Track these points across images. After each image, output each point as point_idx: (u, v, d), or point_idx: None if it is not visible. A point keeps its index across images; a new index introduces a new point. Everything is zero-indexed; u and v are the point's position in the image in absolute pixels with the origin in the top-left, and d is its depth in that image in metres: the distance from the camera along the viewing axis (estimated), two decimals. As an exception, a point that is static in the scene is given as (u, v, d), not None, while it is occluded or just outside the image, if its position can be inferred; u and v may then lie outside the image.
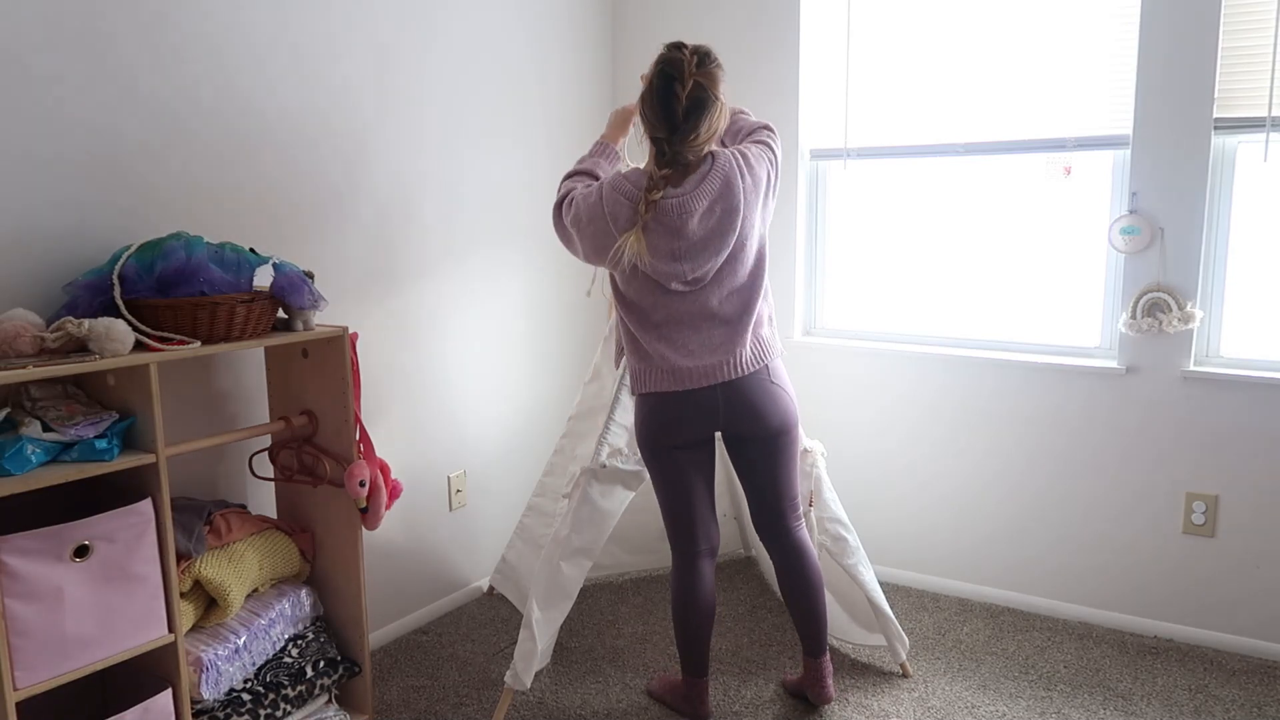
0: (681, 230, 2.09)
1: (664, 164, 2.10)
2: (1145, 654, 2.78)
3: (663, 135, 2.08)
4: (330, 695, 2.34)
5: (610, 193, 2.12)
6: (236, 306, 1.96)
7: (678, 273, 2.13)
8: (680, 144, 2.07)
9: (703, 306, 2.18)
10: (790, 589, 2.44)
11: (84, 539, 1.77)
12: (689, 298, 2.17)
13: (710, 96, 2.07)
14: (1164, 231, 2.73)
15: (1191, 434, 2.77)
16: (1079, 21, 2.84)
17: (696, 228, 2.09)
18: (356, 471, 2.22)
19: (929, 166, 3.17)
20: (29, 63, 1.92)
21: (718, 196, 2.10)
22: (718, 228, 2.11)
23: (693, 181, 2.10)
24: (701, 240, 2.11)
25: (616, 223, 2.10)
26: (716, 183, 2.10)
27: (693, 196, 2.09)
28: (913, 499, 3.25)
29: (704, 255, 2.12)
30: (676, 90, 2.04)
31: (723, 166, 2.12)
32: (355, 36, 2.60)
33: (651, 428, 2.28)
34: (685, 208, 2.08)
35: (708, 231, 2.11)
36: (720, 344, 2.20)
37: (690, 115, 2.05)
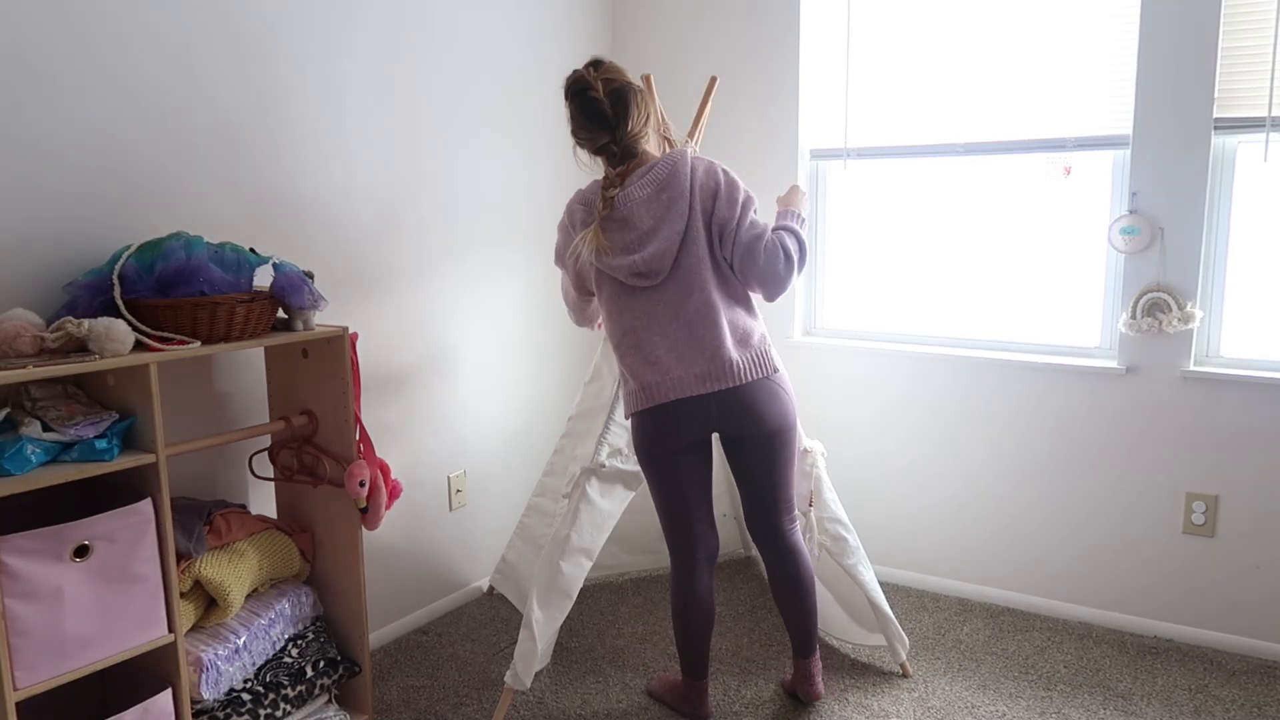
0: (630, 220, 2.15)
1: (616, 162, 2.18)
2: (1145, 654, 2.78)
3: (605, 140, 2.15)
4: (330, 695, 2.34)
5: (570, 205, 2.28)
6: (236, 306, 1.95)
7: (632, 264, 2.16)
8: (624, 138, 2.14)
9: (666, 305, 2.19)
10: (782, 590, 2.44)
11: (84, 539, 1.77)
12: (651, 296, 2.20)
13: (622, 82, 2.15)
14: (1164, 231, 2.73)
15: (1191, 434, 2.77)
16: (1079, 21, 2.84)
17: (644, 215, 2.15)
18: (356, 471, 2.22)
19: (929, 166, 3.17)
20: (29, 62, 1.92)
21: (663, 184, 2.16)
22: (665, 215, 2.15)
23: (639, 174, 2.17)
24: (651, 228, 2.15)
25: (574, 228, 2.23)
26: (663, 171, 2.17)
27: (636, 186, 2.16)
28: (913, 499, 3.25)
29: (654, 242, 2.15)
30: (591, 96, 2.12)
31: (672, 158, 2.19)
32: (355, 36, 2.60)
33: (644, 437, 2.29)
34: (630, 197, 2.15)
35: (655, 219, 2.15)
36: (690, 349, 2.19)
37: (617, 106, 2.12)
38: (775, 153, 3.32)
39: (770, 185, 3.34)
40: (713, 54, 3.39)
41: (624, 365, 2.26)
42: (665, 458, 2.28)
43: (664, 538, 2.40)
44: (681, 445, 2.27)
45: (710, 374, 2.19)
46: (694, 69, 3.43)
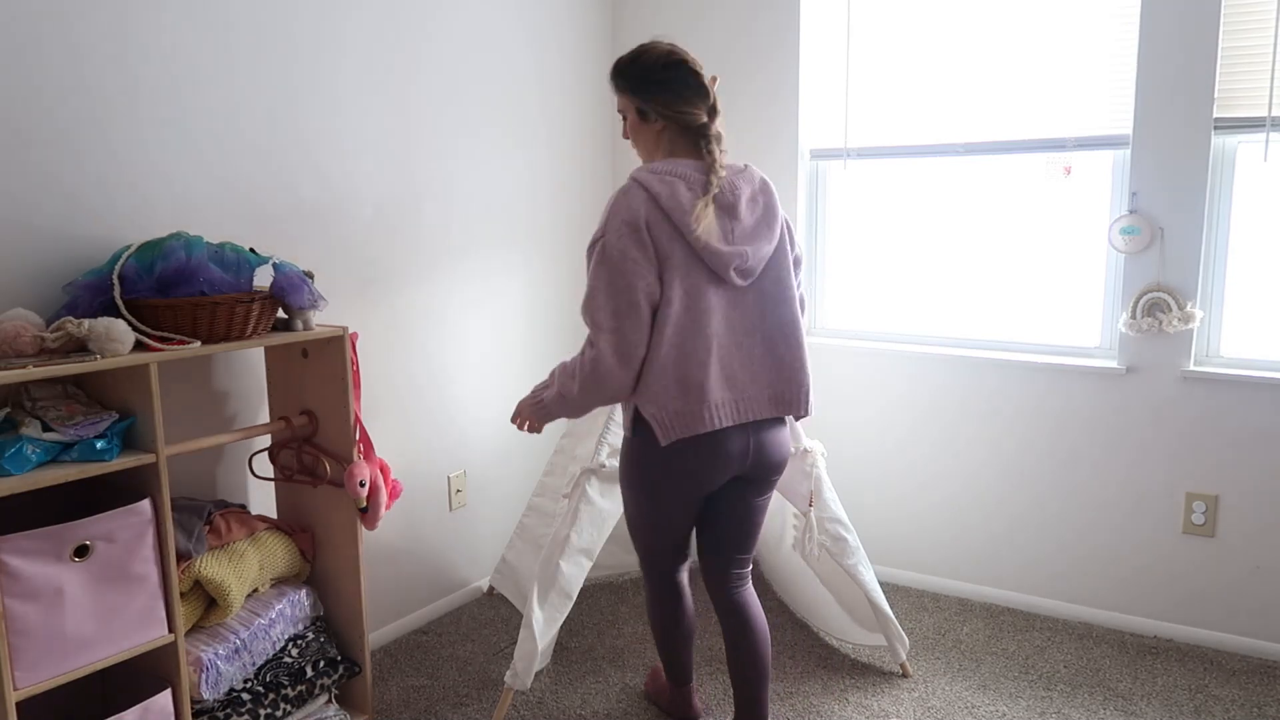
0: (734, 209, 1.95)
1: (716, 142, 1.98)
2: (1145, 654, 2.78)
3: (705, 118, 1.97)
4: (330, 695, 2.34)
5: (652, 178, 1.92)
6: (236, 306, 1.96)
7: (738, 254, 1.94)
8: (717, 122, 1.99)
9: (764, 311, 2.01)
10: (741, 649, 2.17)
11: (84, 539, 1.77)
12: (751, 297, 1.99)
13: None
14: (1164, 231, 2.73)
15: (1191, 434, 2.77)
16: (1079, 21, 2.84)
17: (745, 212, 1.97)
18: (356, 471, 2.22)
19: (929, 166, 3.17)
20: (28, 62, 1.92)
21: (759, 189, 2.02)
22: (763, 218, 2.00)
23: (735, 168, 2.01)
24: (752, 227, 1.98)
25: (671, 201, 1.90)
26: (756, 178, 2.03)
27: (739, 178, 1.99)
28: (913, 499, 3.25)
29: (755, 240, 1.97)
30: (693, 70, 1.97)
31: (757, 170, 2.07)
32: (356, 35, 2.60)
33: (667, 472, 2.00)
34: (735, 186, 1.97)
35: (755, 220, 1.99)
36: (767, 368, 2.01)
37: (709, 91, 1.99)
38: (775, 153, 3.32)
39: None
40: (713, 54, 3.38)
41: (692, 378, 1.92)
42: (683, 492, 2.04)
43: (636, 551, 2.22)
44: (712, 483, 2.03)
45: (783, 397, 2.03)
46: (694, 69, 3.42)
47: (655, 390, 1.93)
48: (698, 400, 1.92)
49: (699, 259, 1.92)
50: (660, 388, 1.92)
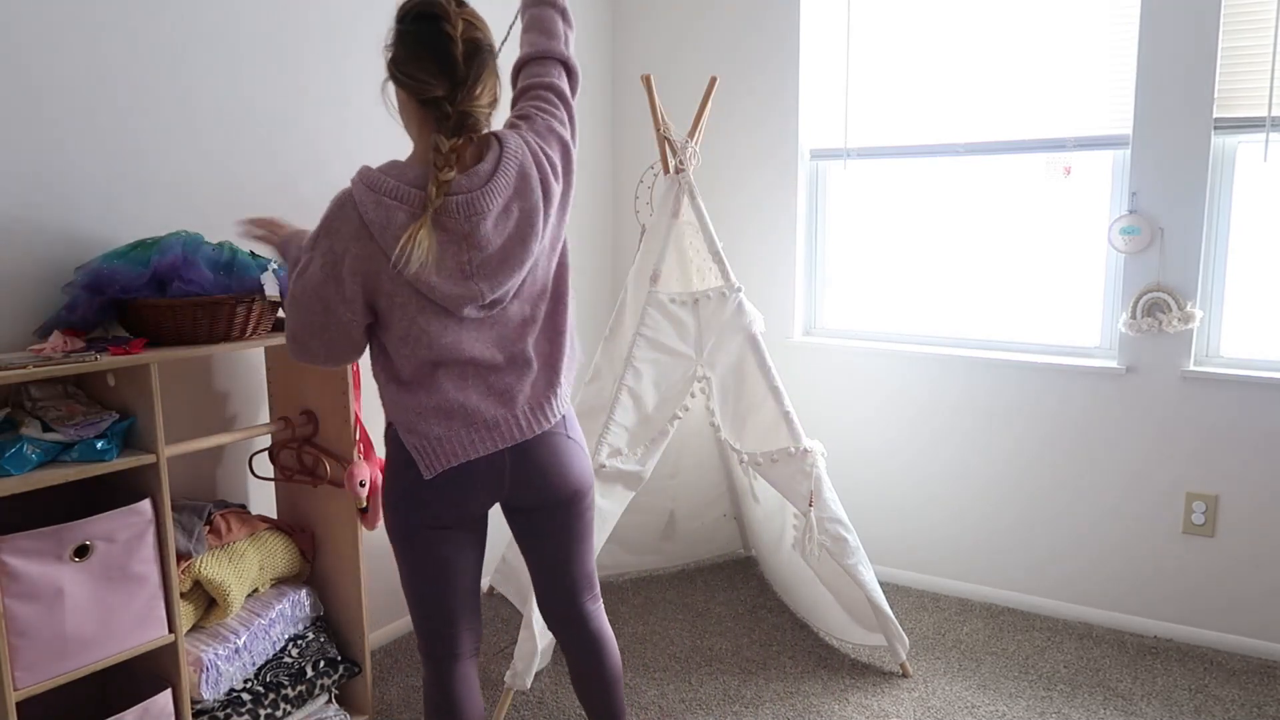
0: (472, 238, 1.56)
1: (452, 131, 1.56)
2: (1145, 654, 2.78)
3: (442, 93, 1.54)
4: (330, 695, 2.34)
5: (367, 195, 1.55)
6: (236, 306, 1.96)
7: (472, 294, 1.58)
8: (466, 102, 1.55)
9: (500, 338, 1.66)
10: (587, 685, 1.91)
11: (84, 539, 1.77)
12: (482, 327, 1.64)
13: (485, 41, 1.59)
14: (1164, 231, 2.73)
15: (1191, 434, 2.77)
16: (1079, 21, 2.84)
17: (492, 234, 1.57)
18: (356, 471, 2.23)
19: (929, 166, 3.17)
20: (28, 62, 1.92)
21: (514, 193, 1.60)
22: (518, 234, 1.60)
23: (481, 174, 1.58)
24: (500, 251, 1.59)
25: (386, 232, 1.53)
26: (510, 173, 1.60)
27: (483, 193, 1.56)
28: (913, 499, 3.25)
29: (503, 271, 1.60)
30: (447, 30, 1.53)
31: (514, 153, 1.62)
32: (356, 36, 2.60)
33: (408, 504, 1.71)
34: (475, 207, 1.56)
35: (506, 239, 1.59)
36: (516, 391, 1.68)
37: (470, 60, 1.55)
38: (775, 153, 3.32)
39: (771, 186, 3.34)
40: (713, 54, 3.39)
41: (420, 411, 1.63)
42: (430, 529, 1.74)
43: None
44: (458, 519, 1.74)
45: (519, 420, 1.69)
46: (694, 69, 3.43)
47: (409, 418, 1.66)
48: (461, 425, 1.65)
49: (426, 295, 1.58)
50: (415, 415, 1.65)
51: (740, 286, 2.68)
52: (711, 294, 2.61)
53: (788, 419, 2.59)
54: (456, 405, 1.64)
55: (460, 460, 1.65)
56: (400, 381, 1.65)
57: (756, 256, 3.38)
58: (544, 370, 1.72)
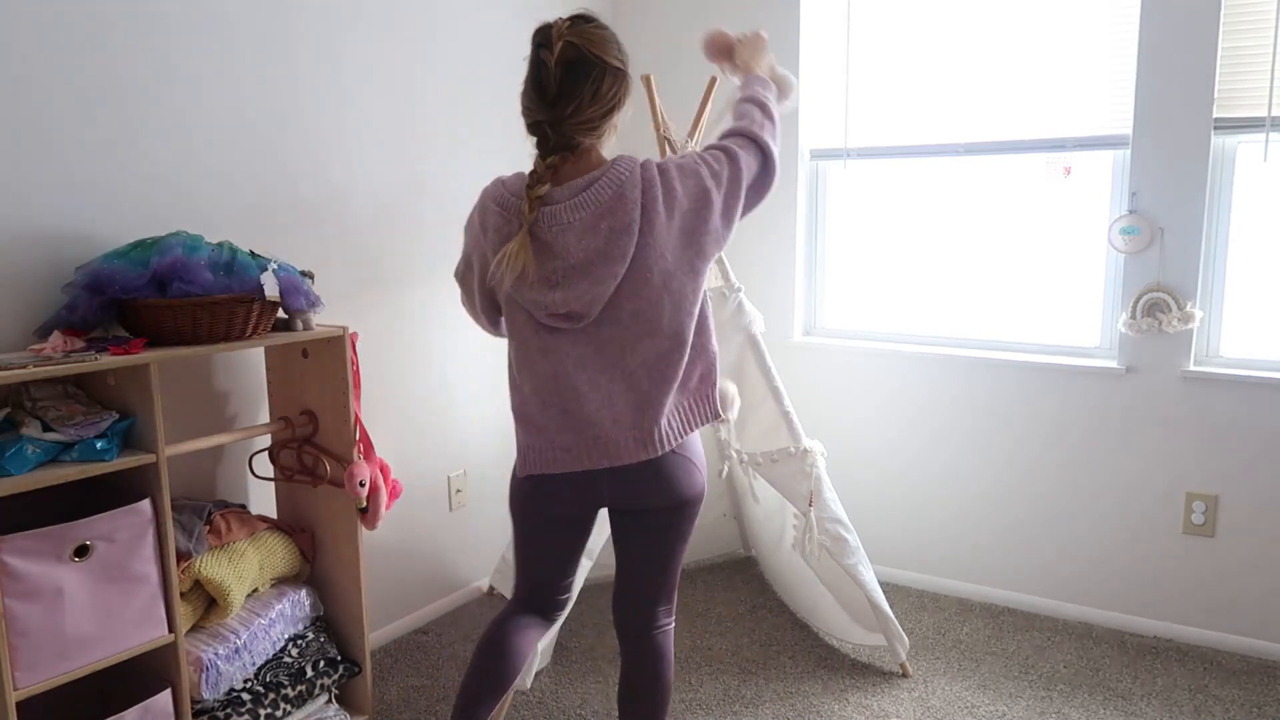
0: (553, 247, 1.63)
1: (547, 151, 1.66)
2: (1145, 654, 2.78)
3: (541, 117, 1.66)
4: (330, 695, 2.34)
5: (484, 200, 1.72)
6: (236, 306, 1.96)
7: (552, 301, 1.64)
8: (562, 122, 1.63)
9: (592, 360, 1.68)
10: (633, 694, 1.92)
11: (84, 539, 1.77)
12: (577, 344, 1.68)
13: (589, 58, 1.62)
14: (1164, 231, 2.73)
15: (1191, 434, 2.77)
16: (1079, 21, 2.84)
17: (574, 246, 1.62)
18: (356, 471, 2.22)
19: (929, 166, 3.17)
20: (29, 61, 1.92)
21: (604, 211, 1.61)
22: (603, 251, 1.62)
23: (573, 187, 1.64)
24: (581, 265, 1.62)
25: (487, 234, 1.69)
26: (605, 193, 1.62)
27: (568, 206, 1.62)
28: (912, 499, 3.25)
29: (582, 284, 1.63)
30: (543, 57, 1.63)
31: (619, 174, 1.64)
32: (356, 37, 2.60)
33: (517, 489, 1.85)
34: (559, 218, 1.62)
35: (589, 254, 1.62)
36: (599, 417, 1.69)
37: (566, 81, 1.62)
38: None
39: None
40: (713, 54, 3.38)
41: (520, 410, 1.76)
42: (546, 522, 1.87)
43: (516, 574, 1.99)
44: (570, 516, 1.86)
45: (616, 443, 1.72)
46: (694, 69, 3.41)
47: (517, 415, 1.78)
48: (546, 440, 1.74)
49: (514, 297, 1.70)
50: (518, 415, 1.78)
51: (740, 286, 2.69)
52: (711, 294, 2.60)
53: (788, 419, 2.59)
54: (538, 420, 1.73)
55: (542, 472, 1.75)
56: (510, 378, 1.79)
57: (756, 256, 3.38)
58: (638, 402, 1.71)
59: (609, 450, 1.71)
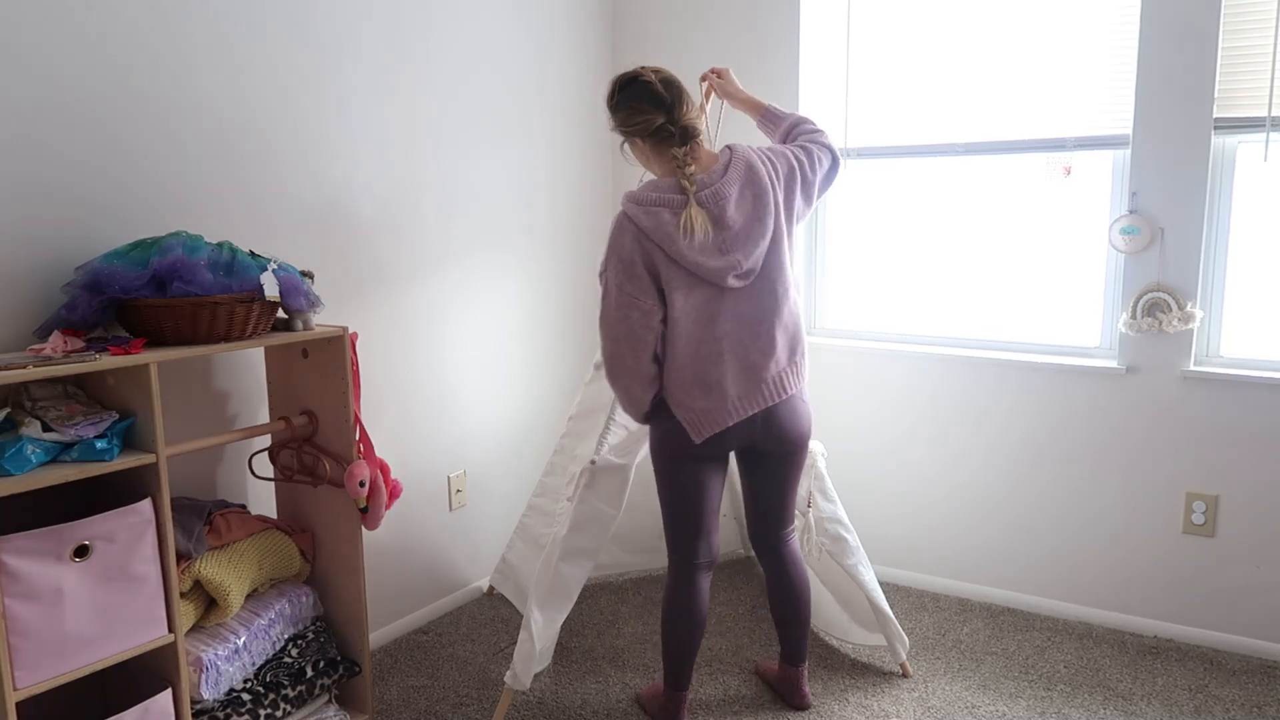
0: (722, 219, 2.05)
1: (680, 141, 2.07)
2: (1145, 654, 2.78)
3: (661, 119, 2.06)
4: (330, 695, 2.34)
5: (637, 210, 2.06)
6: (236, 306, 1.96)
7: (731, 264, 2.06)
8: (681, 117, 2.07)
9: (762, 305, 2.12)
10: (781, 597, 2.43)
11: (84, 539, 1.77)
12: (749, 296, 2.11)
13: (670, 79, 2.10)
14: (1164, 231, 2.73)
15: (1191, 434, 2.77)
16: (1079, 21, 2.84)
17: (735, 214, 2.06)
18: (356, 471, 2.22)
19: (929, 166, 3.17)
20: (29, 61, 1.92)
21: (745, 181, 2.08)
22: (755, 212, 2.08)
23: (718, 170, 2.08)
24: (744, 227, 2.07)
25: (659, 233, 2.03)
26: (740, 167, 2.09)
27: (724, 183, 2.06)
28: (913, 499, 3.25)
29: (749, 243, 2.07)
30: (645, 78, 2.08)
31: (742, 154, 2.11)
32: (357, 38, 2.60)
33: (680, 438, 2.19)
34: (720, 194, 2.05)
35: (746, 218, 2.07)
36: (765, 364, 2.14)
37: (669, 88, 2.07)
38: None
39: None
40: (713, 54, 3.38)
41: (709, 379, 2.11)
42: (693, 461, 2.22)
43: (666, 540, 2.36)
44: (719, 454, 2.24)
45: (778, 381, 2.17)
46: (694, 69, 3.42)
47: (679, 395, 2.14)
48: (720, 398, 2.12)
49: (696, 275, 2.07)
50: (683, 392, 2.14)
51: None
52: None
53: (788, 419, 2.59)
54: (715, 380, 2.11)
55: (720, 428, 2.14)
56: (672, 361, 2.13)
57: (756, 256, 3.38)
58: (786, 348, 2.18)
59: (776, 388, 2.16)
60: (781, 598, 2.43)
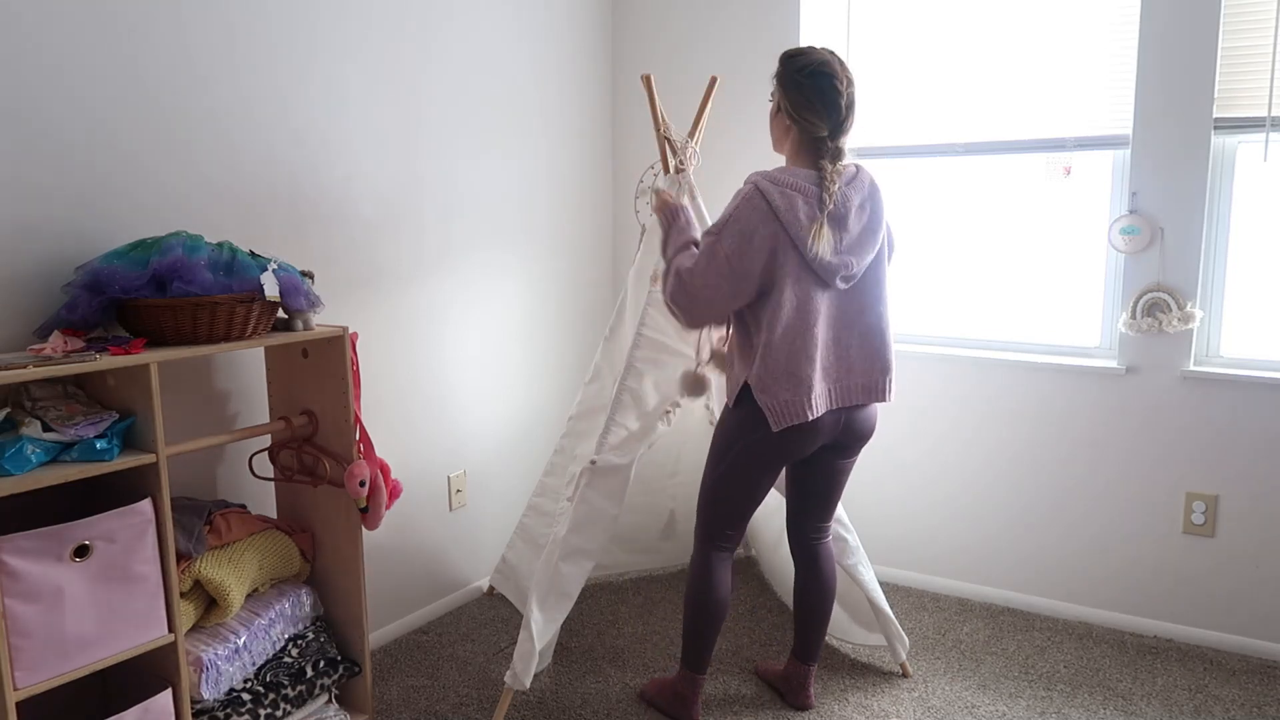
0: (844, 222, 2.12)
1: (830, 159, 2.13)
2: (1145, 654, 2.78)
3: (825, 133, 2.12)
4: (330, 695, 2.34)
5: (773, 189, 2.09)
6: (236, 306, 1.96)
7: (844, 264, 2.12)
8: (840, 139, 2.14)
9: (860, 309, 2.19)
10: (808, 594, 2.47)
11: (84, 539, 1.77)
12: (850, 298, 2.18)
13: (856, 95, 2.17)
14: (1164, 231, 2.73)
15: (1191, 434, 2.77)
16: (1079, 22, 2.84)
17: (854, 222, 2.14)
18: (356, 471, 2.22)
19: (929, 166, 3.17)
20: (29, 61, 1.92)
21: (867, 196, 2.17)
22: (869, 225, 2.16)
23: (848, 177, 2.16)
24: (858, 236, 2.15)
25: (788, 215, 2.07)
26: (865, 183, 2.18)
27: (850, 190, 2.14)
28: (913, 499, 3.25)
29: (860, 250, 2.15)
30: (839, 87, 2.11)
31: (867, 173, 2.21)
32: (358, 37, 2.60)
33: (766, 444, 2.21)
34: (847, 198, 2.13)
35: (862, 228, 2.15)
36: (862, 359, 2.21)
37: (849, 111, 2.14)
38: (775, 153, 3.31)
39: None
40: (713, 54, 3.39)
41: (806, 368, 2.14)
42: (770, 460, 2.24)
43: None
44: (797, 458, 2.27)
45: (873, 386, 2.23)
46: (694, 69, 3.43)
47: (768, 382, 2.14)
48: (805, 393, 2.14)
49: (810, 268, 2.11)
50: (773, 380, 2.14)
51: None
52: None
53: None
54: (805, 375, 2.13)
55: (798, 421, 2.14)
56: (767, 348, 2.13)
57: (756, 256, 3.38)
58: (878, 355, 2.22)
59: (867, 389, 2.22)
60: (808, 594, 2.47)
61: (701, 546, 2.38)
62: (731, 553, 2.39)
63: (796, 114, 2.13)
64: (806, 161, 2.16)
